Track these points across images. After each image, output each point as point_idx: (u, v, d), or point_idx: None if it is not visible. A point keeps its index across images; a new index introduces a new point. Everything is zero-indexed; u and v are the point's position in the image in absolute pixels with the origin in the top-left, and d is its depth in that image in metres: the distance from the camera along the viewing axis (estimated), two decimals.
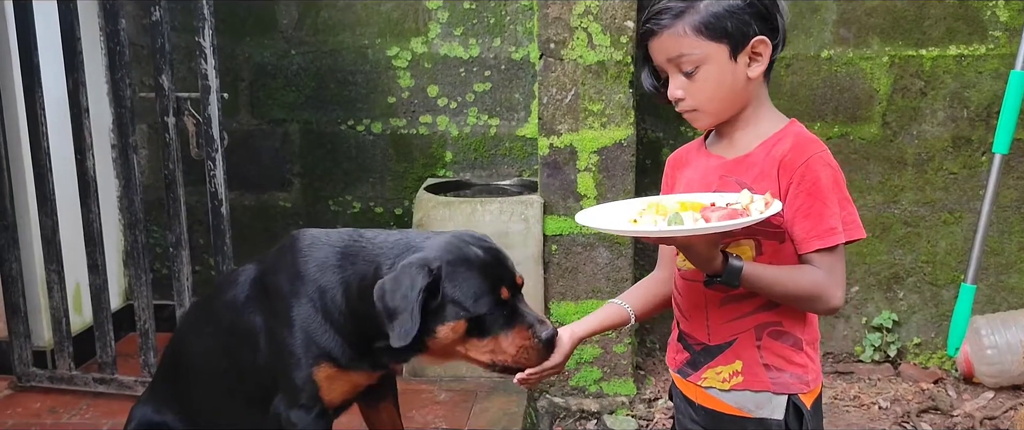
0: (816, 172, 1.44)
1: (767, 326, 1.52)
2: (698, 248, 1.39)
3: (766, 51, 1.48)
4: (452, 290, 1.68)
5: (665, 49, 1.48)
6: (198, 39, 2.55)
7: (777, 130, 1.51)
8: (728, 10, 1.45)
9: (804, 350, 1.53)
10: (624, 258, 2.99)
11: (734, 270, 1.41)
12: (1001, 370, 3.06)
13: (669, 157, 1.70)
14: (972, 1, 3.11)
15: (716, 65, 1.46)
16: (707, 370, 1.57)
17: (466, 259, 1.70)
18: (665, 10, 1.47)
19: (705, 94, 1.48)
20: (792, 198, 1.45)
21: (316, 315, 1.80)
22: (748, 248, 1.49)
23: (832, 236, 1.44)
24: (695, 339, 1.59)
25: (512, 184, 3.31)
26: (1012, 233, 3.24)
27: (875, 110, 3.21)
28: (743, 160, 1.51)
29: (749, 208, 1.37)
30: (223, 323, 1.95)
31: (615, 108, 2.90)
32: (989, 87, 3.14)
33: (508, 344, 1.69)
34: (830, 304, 1.45)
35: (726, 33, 1.45)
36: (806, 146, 1.47)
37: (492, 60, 3.31)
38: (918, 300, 3.33)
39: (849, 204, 1.47)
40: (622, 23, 2.85)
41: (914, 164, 3.24)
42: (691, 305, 1.58)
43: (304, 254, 1.83)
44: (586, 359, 3.05)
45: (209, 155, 2.62)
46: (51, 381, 2.91)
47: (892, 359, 3.34)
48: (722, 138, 1.57)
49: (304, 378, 1.81)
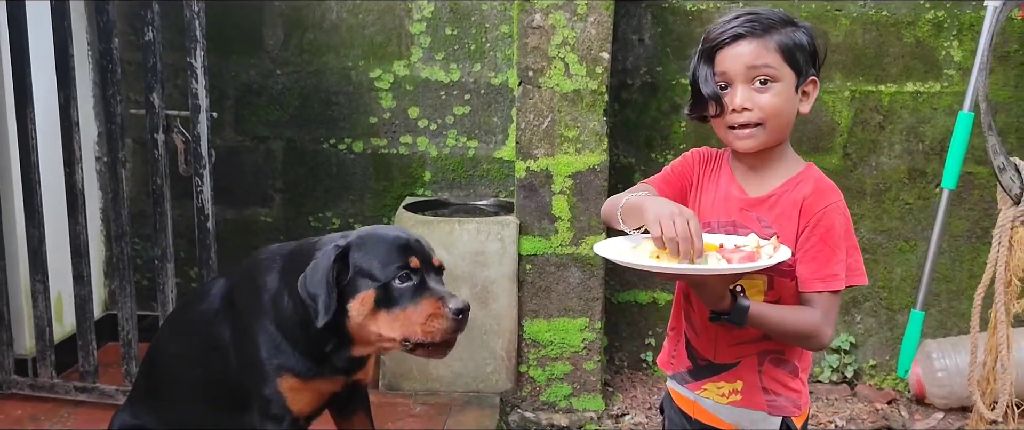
0: (831, 219, 1.52)
1: (770, 353, 1.61)
2: (712, 287, 1.46)
3: (814, 92, 1.58)
4: (360, 260, 1.75)
5: (747, 56, 1.51)
6: (189, 59, 2.63)
7: (798, 172, 1.59)
8: (800, 44, 1.53)
9: (799, 377, 1.64)
10: (595, 278, 3.11)
11: (741, 310, 1.48)
12: (951, 392, 3.20)
13: (697, 150, 1.71)
14: (928, 41, 3.29)
15: (786, 88, 1.53)
16: (708, 383, 1.65)
17: (375, 235, 1.80)
18: (756, 20, 1.52)
19: (772, 110, 1.52)
20: (804, 239, 1.53)
21: (274, 329, 1.87)
22: (760, 282, 1.57)
23: (834, 281, 1.53)
24: (701, 355, 1.67)
25: (489, 204, 3.42)
26: (963, 261, 3.40)
27: (837, 141, 3.37)
28: (766, 199, 1.58)
29: (759, 251, 1.45)
30: (196, 335, 2.03)
31: (589, 135, 3.02)
32: (943, 123, 3.30)
33: (417, 314, 1.73)
34: (821, 342, 1.55)
35: (797, 64, 1.53)
36: (827, 193, 1.55)
37: (472, 84, 3.43)
38: (874, 323, 3.48)
39: (856, 252, 1.56)
40: (598, 54, 2.98)
41: (872, 194, 3.39)
42: (704, 323, 1.62)
43: (261, 268, 1.93)
44: (557, 375, 3.16)
45: (197, 171, 2.70)
46: (33, 389, 2.95)
47: (849, 380, 3.48)
48: (745, 169, 1.62)
49: (271, 391, 1.89)
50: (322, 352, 1.87)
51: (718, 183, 1.65)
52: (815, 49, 1.57)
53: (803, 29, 1.56)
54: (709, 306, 1.51)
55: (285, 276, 1.88)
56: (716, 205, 1.63)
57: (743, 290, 1.54)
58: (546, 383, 3.17)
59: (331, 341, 1.84)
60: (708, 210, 1.64)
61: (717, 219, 1.62)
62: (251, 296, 1.92)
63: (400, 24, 3.40)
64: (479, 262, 3.04)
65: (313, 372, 1.89)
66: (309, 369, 1.89)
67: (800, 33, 1.54)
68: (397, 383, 3.11)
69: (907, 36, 3.29)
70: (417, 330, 1.74)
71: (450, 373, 3.10)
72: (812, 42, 1.56)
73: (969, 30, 3.25)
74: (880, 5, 3.28)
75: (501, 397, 3.09)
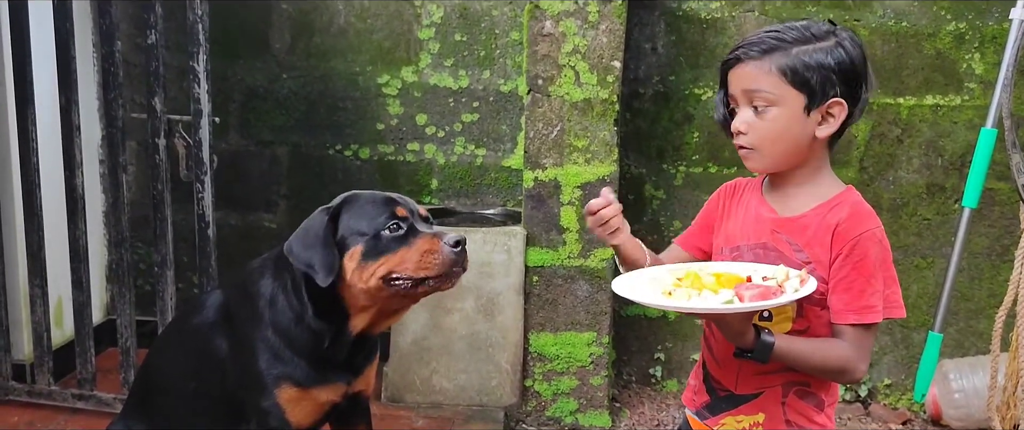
0: (866, 247, 1.43)
1: (795, 384, 1.53)
2: (731, 322, 1.40)
3: (840, 114, 1.46)
4: (349, 219, 1.77)
5: (744, 80, 1.47)
6: (192, 63, 2.59)
7: (834, 194, 1.50)
8: (818, 64, 1.43)
9: (825, 411, 1.55)
10: (603, 291, 3.04)
11: (765, 346, 1.41)
12: (967, 413, 3.12)
13: (725, 184, 1.68)
14: (949, 53, 3.21)
15: (788, 111, 1.45)
16: (727, 416, 1.58)
17: (361, 194, 1.82)
18: (758, 42, 1.46)
19: (767, 136, 1.46)
20: (838, 267, 1.45)
21: (272, 335, 1.85)
22: (789, 310, 1.50)
23: (869, 314, 1.44)
24: (722, 385, 1.59)
25: (496, 213, 3.36)
26: (982, 279, 3.32)
27: (853, 155, 3.29)
28: (797, 220, 1.51)
29: (784, 285, 1.38)
30: (191, 347, 1.99)
31: (599, 144, 2.96)
32: (963, 137, 3.22)
33: (412, 253, 1.74)
34: (854, 377, 1.46)
35: (808, 85, 1.43)
36: (863, 219, 1.46)
37: (481, 91, 3.37)
38: (890, 342, 3.40)
39: (894, 283, 1.47)
40: (609, 62, 2.91)
41: (889, 209, 3.31)
42: (725, 353, 1.56)
43: (253, 276, 1.91)
44: (563, 390, 3.09)
45: (198, 177, 2.65)
46: (30, 396, 2.91)
47: (863, 399, 3.40)
48: (777, 191, 1.56)
49: (269, 403, 1.85)
50: (321, 348, 1.84)
51: (748, 206, 1.59)
52: (851, 67, 1.45)
53: (831, 45, 1.44)
54: (732, 342, 1.44)
55: (277, 277, 1.88)
56: (746, 227, 1.57)
57: (770, 317, 1.47)
58: (552, 398, 3.10)
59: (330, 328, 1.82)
60: (738, 232, 1.58)
61: (747, 241, 1.55)
62: (246, 305, 1.89)
63: (409, 29, 3.34)
64: (485, 273, 2.98)
65: (313, 379, 1.86)
66: (309, 376, 1.85)
67: (820, 53, 1.44)
68: (399, 396, 3.05)
69: (927, 48, 3.21)
70: (412, 265, 1.75)
71: (454, 386, 3.04)
72: (844, 60, 1.44)
73: (991, 43, 3.17)
74: (900, 16, 3.20)
75: (505, 411, 3.02)
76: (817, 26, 1.47)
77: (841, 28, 1.49)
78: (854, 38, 1.48)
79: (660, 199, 3.32)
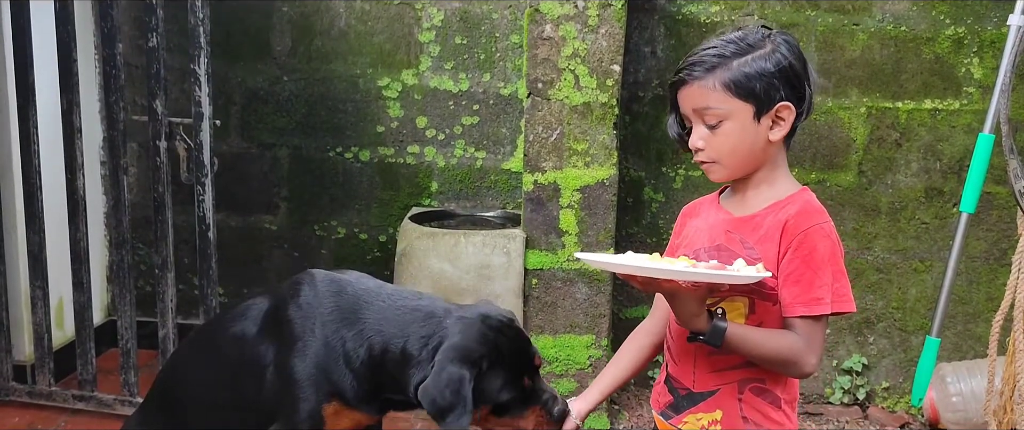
0: (814, 241, 1.47)
1: (750, 382, 1.56)
2: (685, 299, 1.43)
3: (789, 117, 1.51)
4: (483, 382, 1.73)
5: (692, 99, 1.51)
6: (193, 66, 2.60)
7: (788, 195, 1.55)
8: (759, 72, 1.48)
9: (782, 408, 1.58)
10: (602, 294, 3.05)
11: (718, 330, 1.44)
12: (965, 417, 3.13)
13: (685, 207, 1.75)
14: (948, 58, 3.22)
15: (739, 123, 1.50)
16: (688, 415, 1.61)
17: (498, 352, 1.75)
18: (699, 62, 1.50)
19: (724, 149, 1.52)
20: (787, 262, 1.48)
21: (331, 354, 1.80)
22: (742, 305, 1.53)
23: (818, 305, 1.47)
24: (681, 383, 1.62)
25: (496, 215, 3.37)
26: (980, 283, 3.32)
27: (852, 159, 3.30)
28: (750, 219, 1.55)
29: None
30: (228, 357, 1.93)
31: (599, 148, 2.97)
32: (962, 141, 3.23)
33: (525, 423, 1.77)
34: (803, 370, 1.49)
35: (753, 94, 1.48)
36: (811, 215, 1.50)
37: (481, 94, 3.38)
38: (888, 345, 3.40)
39: (843, 277, 1.50)
40: (609, 66, 2.92)
41: (887, 212, 3.32)
42: (681, 351, 1.61)
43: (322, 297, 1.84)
44: (562, 393, 3.09)
45: (198, 180, 2.67)
46: (30, 396, 2.92)
47: (861, 402, 3.41)
48: (735, 194, 1.61)
49: (311, 412, 1.81)
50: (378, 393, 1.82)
51: (706, 216, 1.64)
52: (791, 69, 1.50)
53: (768, 52, 1.49)
54: (685, 324, 1.47)
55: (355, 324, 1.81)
56: (703, 232, 1.61)
57: (724, 313, 1.50)
58: None
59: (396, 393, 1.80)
60: (693, 238, 1.62)
61: (703, 244, 1.59)
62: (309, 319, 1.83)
63: (409, 32, 3.35)
64: (484, 275, 2.99)
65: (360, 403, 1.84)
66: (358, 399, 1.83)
67: (759, 60, 1.48)
68: None
69: (926, 52, 3.22)
70: None
71: None
72: (783, 64, 1.49)
73: (990, 47, 3.18)
74: (899, 20, 3.21)
75: None
76: (752, 35, 1.52)
77: (776, 32, 1.53)
78: (790, 41, 1.53)
79: (659, 202, 3.33)
